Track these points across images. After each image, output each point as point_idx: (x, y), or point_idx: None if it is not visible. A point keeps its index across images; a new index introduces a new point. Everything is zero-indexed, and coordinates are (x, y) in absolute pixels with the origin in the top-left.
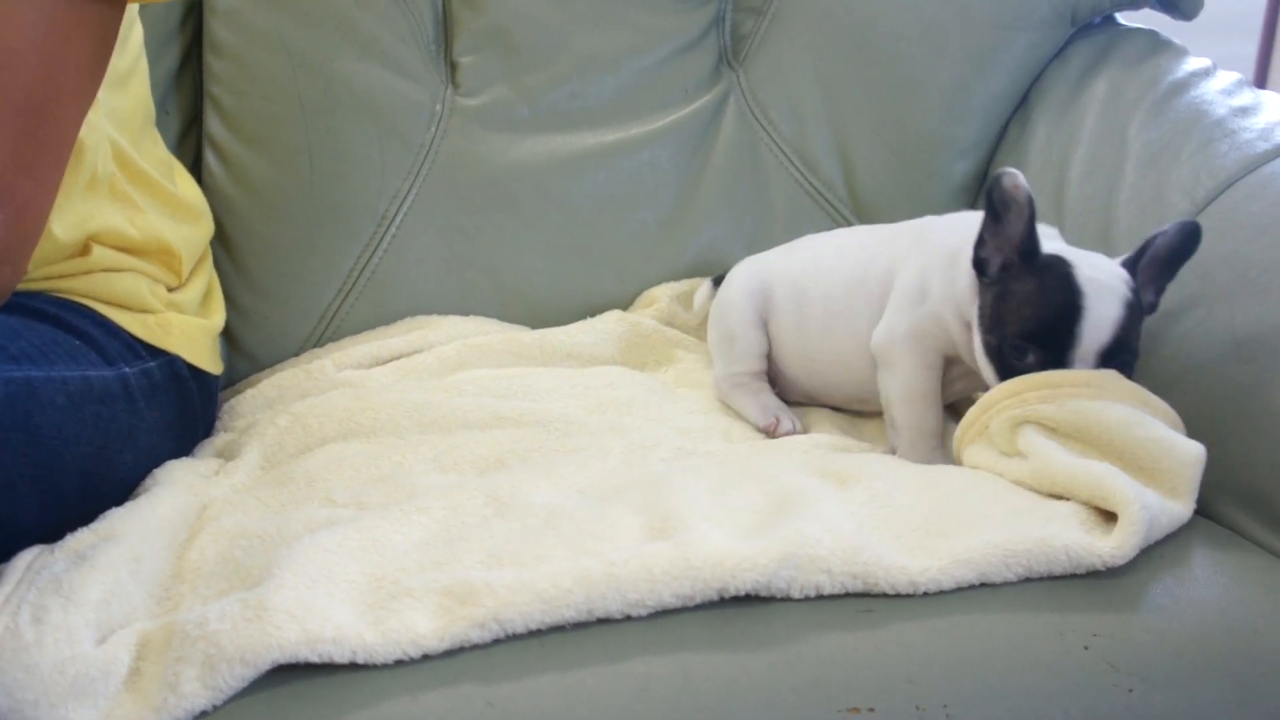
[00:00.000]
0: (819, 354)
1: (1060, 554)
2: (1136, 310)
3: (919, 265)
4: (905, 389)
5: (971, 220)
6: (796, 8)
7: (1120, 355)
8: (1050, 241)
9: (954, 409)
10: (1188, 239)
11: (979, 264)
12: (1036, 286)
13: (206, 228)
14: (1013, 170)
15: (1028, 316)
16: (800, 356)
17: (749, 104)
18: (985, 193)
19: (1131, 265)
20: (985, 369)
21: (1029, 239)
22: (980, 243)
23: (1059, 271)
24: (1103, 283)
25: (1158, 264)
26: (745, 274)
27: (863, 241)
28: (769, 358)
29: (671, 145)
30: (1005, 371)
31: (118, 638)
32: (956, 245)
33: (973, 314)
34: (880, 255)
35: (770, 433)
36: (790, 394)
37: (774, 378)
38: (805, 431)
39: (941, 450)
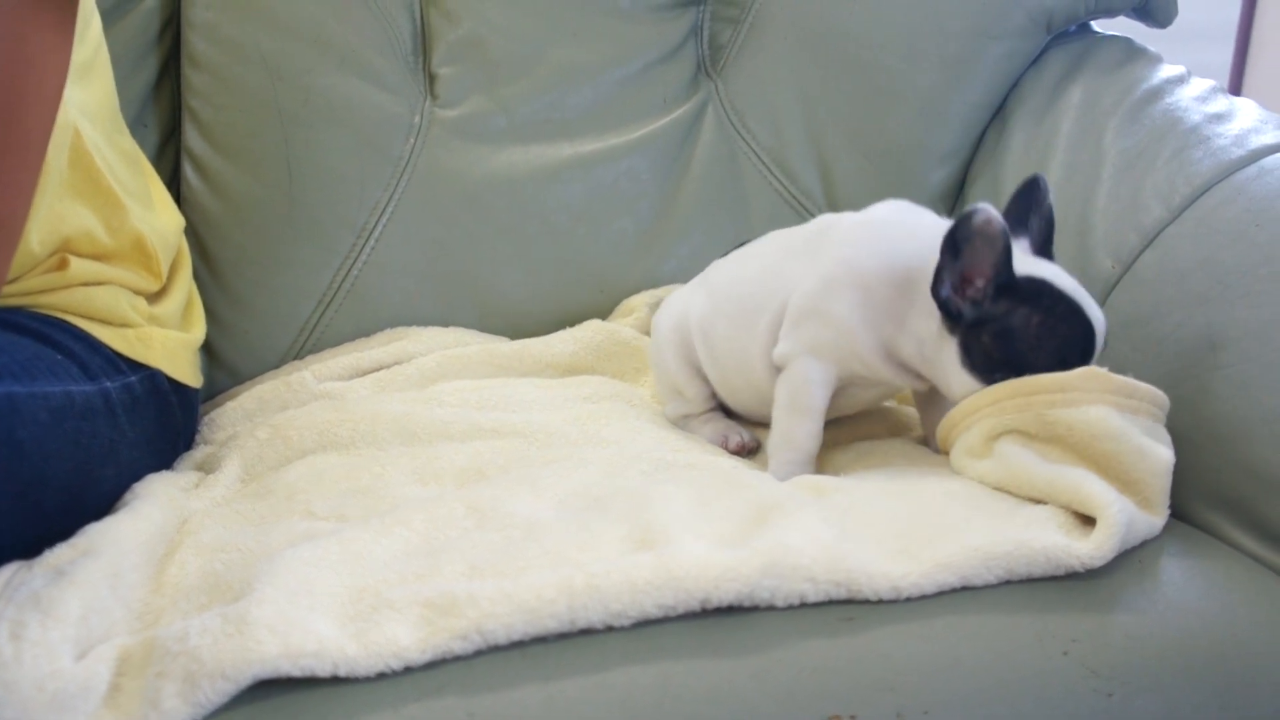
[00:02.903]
0: (735, 379)
1: (1040, 556)
2: None
3: (816, 282)
4: (789, 395)
5: (872, 230)
6: (774, 17)
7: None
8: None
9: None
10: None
11: (945, 305)
12: (1046, 317)
13: (178, 220)
14: (985, 206)
15: (1054, 349)
16: (721, 384)
17: (727, 113)
18: (950, 232)
19: (1047, 251)
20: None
21: (1005, 270)
22: (938, 281)
23: (1056, 297)
24: (1082, 292)
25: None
26: (668, 324)
27: (761, 267)
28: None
29: (650, 155)
30: None
31: (97, 653)
32: (869, 269)
33: (940, 355)
34: (772, 280)
35: (723, 449)
36: (734, 413)
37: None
38: (757, 444)
39: (804, 467)
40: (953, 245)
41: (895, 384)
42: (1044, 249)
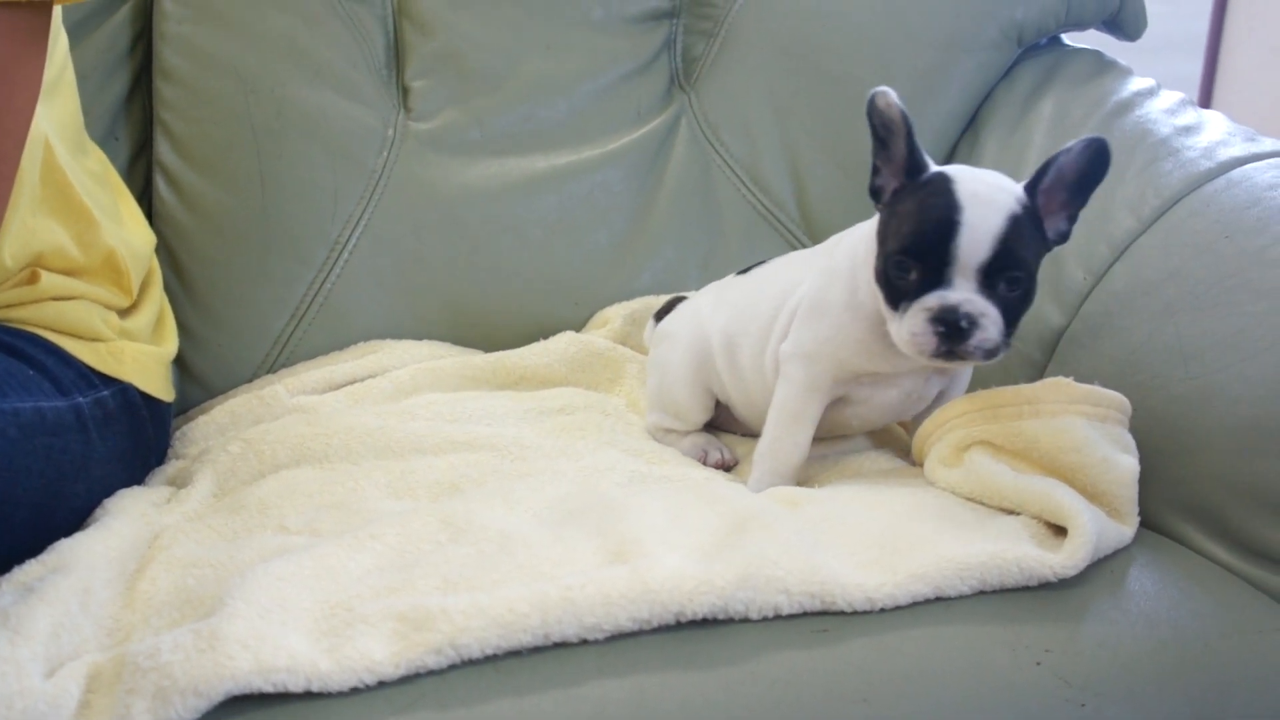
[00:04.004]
0: (758, 397)
1: (1012, 566)
2: (1026, 227)
3: (821, 276)
4: (783, 402)
5: (871, 224)
6: (747, 30)
7: (1005, 272)
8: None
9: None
10: (1094, 157)
11: (874, 192)
12: (917, 204)
13: (149, 236)
14: (884, 89)
15: (906, 233)
16: (745, 404)
17: (701, 126)
18: (866, 116)
19: (1031, 187)
20: (879, 298)
21: (911, 156)
22: (874, 171)
23: (939, 186)
24: (984, 196)
25: (1065, 187)
26: (687, 335)
27: (779, 284)
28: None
29: (624, 167)
30: (891, 293)
31: (67, 670)
32: (860, 252)
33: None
34: (791, 292)
35: (702, 464)
36: (741, 429)
37: (724, 415)
38: (736, 461)
39: (785, 479)
40: (875, 132)
41: (909, 367)
42: (1032, 185)
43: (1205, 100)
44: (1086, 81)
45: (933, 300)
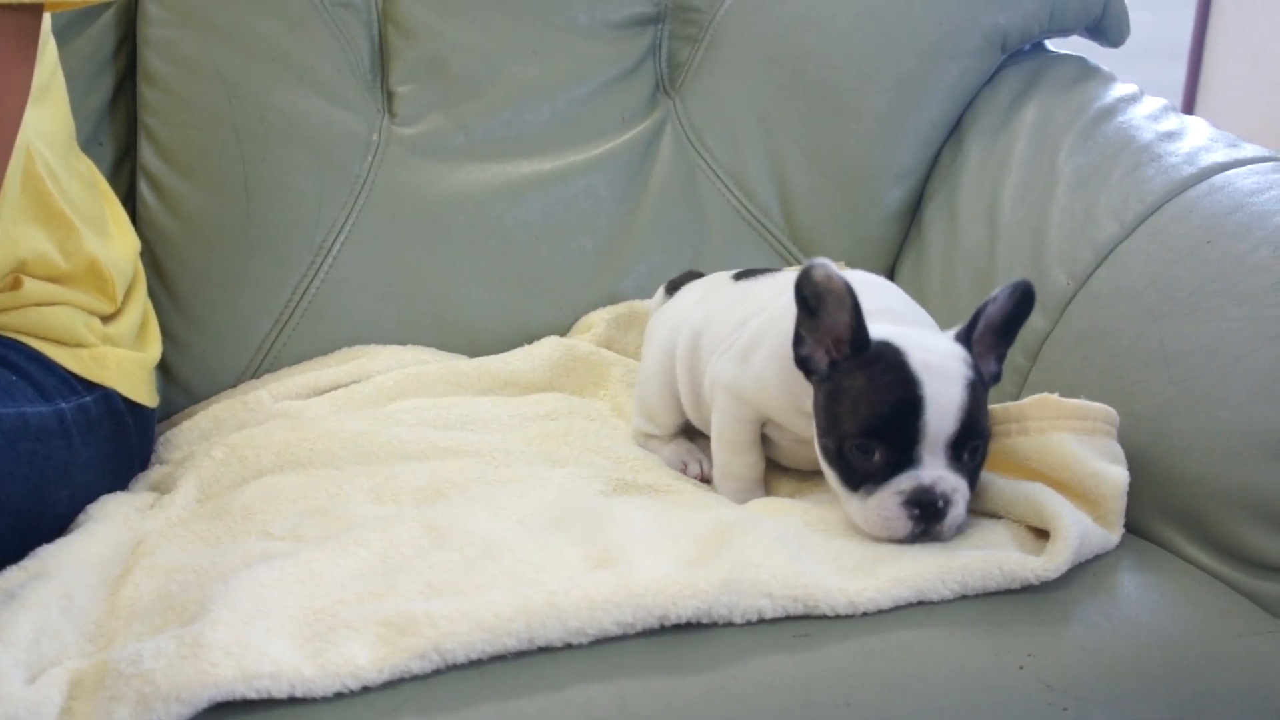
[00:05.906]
0: (707, 411)
1: (995, 569)
2: (979, 390)
3: (758, 322)
4: (719, 430)
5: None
6: (732, 36)
7: (970, 440)
8: (877, 322)
9: None
10: (1020, 301)
11: (803, 363)
12: (869, 381)
13: (133, 243)
14: (822, 261)
15: (865, 414)
16: (694, 414)
17: (685, 131)
18: (796, 287)
19: (966, 338)
20: (829, 475)
21: (857, 330)
22: (798, 340)
23: (891, 361)
24: (939, 368)
25: (993, 331)
26: (661, 335)
27: (752, 303)
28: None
29: (609, 173)
30: (850, 475)
31: (49, 677)
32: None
33: (808, 409)
34: (755, 317)
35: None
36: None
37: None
38: None
39: (752, 493)
40: (804, 303)
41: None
42: (966, 335)
43: (1188, 107)
44: (1070, 87)
45: (906, 482)
